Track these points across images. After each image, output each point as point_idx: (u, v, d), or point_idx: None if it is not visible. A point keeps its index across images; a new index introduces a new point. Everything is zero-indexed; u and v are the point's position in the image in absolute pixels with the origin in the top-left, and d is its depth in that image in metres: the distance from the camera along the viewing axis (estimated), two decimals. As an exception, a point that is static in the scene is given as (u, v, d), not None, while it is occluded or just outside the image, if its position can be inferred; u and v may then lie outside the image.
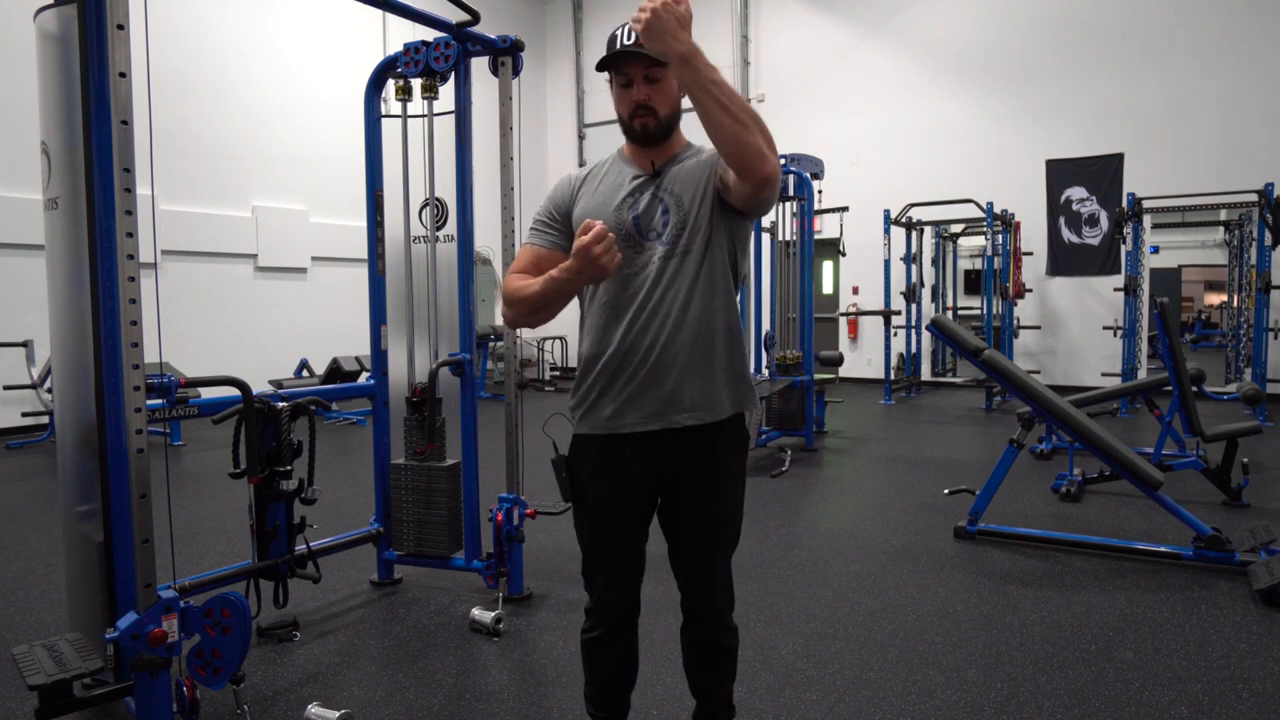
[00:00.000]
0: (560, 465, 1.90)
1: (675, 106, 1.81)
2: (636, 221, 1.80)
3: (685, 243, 1.78)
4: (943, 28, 11.15)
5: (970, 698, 2.53)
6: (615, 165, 1.89)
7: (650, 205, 1.80)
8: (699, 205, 1.79)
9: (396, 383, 3.49)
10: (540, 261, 1.83)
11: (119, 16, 2.05)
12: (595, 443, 1.84)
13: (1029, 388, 4.09)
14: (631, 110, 1.78)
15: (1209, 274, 18.74)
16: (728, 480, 1.88)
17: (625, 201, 1.81)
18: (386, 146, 3.41)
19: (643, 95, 1.76)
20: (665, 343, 1.76)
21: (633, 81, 1.76)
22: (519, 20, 13.32)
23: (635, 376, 1.78)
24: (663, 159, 1.83)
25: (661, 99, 1.77)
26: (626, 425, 1.80)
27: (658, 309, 1.77)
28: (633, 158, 1.86)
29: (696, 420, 1.80)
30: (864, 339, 11.95)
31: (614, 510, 1.86)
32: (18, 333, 7.42)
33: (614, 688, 1.99)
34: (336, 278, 10.20)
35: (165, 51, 8.23)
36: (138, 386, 2.10)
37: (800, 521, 4.57)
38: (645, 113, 1.77)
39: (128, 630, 2.04)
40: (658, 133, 1.80)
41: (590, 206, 1.83)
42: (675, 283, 1.77)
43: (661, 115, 1.78)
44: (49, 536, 4.34)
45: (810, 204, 7.06)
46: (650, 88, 1.76)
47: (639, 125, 1.79)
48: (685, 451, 1.82)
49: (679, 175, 1.81)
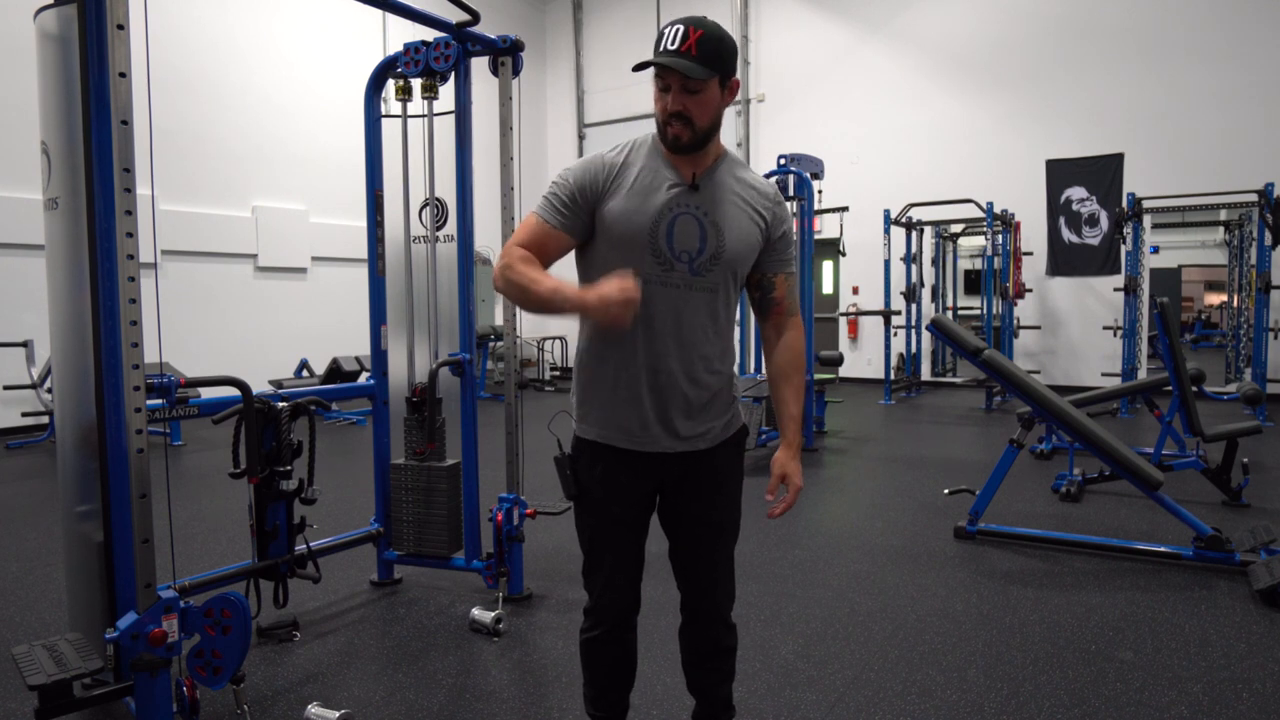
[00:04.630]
0: (563, 463, 1.89)
1: (715, 119, 1.70)
2: (670, 239, 1.70)
3: (712, 277, 1.74)
4: (943, 28, 11.14)
5: (970, 698, 2.53)
6: (651, 161, 1.74)
7: (687, 225, 1.71)
8: (737, 248, 1.74)
9: (396, 383, 3.49)
10: (545, 242, 1.73)
11: (119, 16, 2.05)
12: (596, 446, 1.84)
13: (1029, 388, 4.09)
14: (665, 118, 1.68)
15: (1209, 274, 18.74)
16: (727, 481, 1.88)
17: (662, 213, 1.70)
18: (386, 146, 3.41)
19: (678, 105, 1.65)
20: (669, 370, 1.75)
21: (670, 87, 1.65)
22: (519, 20, 13.32)
23: (634, 396, 1.77)
24: (702, 169, 1.74)
25: (700, 110, 1.66)
26: (624, 444, 1.80)
27: (667, 332, 1.73)
28: (670, 160, 1.75)
29: (692, 448, 1.81)
30: (864, 339, 11.95)
31: (614, 510, 1.85)
32: (18, 333, 7.41)
33: (613, 688, 1.99)
34: (336, 278, 10.20)
35: (165, 51, 8.23)
36: (138, 386, 2.10)
37: (800, 521, 4.57)
38: (681, 123, 1.66)
39: (128, 630, 2.04)
40: (690, 145, 1.69)
41: (623, 208, 1.71)
42: (689, 310, 1.74)
43: (699, 127, 1.67)
44: (49, 536, 4.34)
45: (810, 204, 7.06)
46: (688, 98, 1.64)
47: (672, 135, 1.68)
48: (685, 463, 1.82)
49: (720, 197, 1.74)
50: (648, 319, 1.72)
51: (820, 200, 8.06)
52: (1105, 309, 10.30)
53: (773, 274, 1.84)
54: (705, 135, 1.70)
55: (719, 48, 1.64)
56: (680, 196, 1.72)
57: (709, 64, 1.62)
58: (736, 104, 12.44)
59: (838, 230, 9.83)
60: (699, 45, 1.61)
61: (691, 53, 1.61)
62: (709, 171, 1.75)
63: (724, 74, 1.67)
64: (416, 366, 3.45)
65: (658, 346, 1.74)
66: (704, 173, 1.74)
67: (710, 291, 1.75)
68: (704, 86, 1.64)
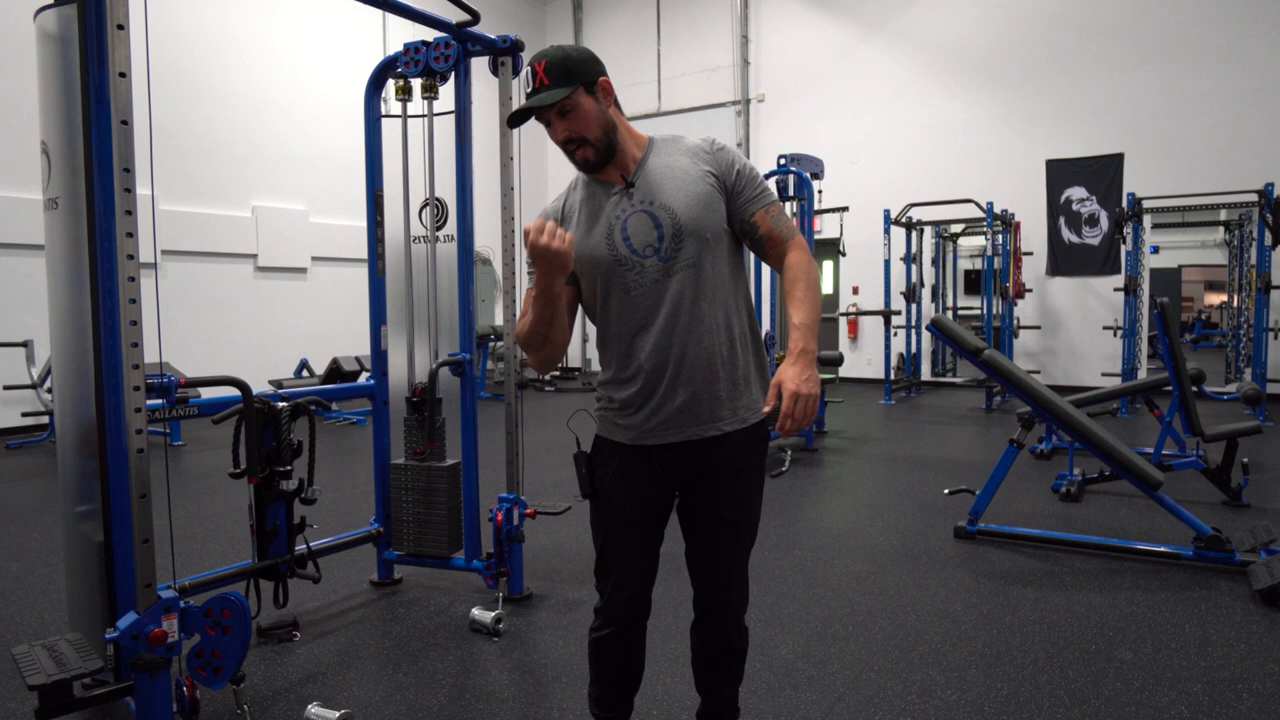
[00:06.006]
0: (581, 461, 1.89)
1: (605, 124, 1.74)
2: (629, 243, 1.74)
3: (684, 255, 1.74)
4: (943, 28, 11.14)
5: (970, 698, 2.53)
6: (588, 188, 1.82)
7: (638, 221, 1.74)
8: (694, 214, 1.74)
9: (396, 383, 3.49)
10: None
11: (119, 16, 2.05)
12: (619, 448, 1.84)
13: (1029, 388, 4.09)
14: (565, 149, 1.74)
15: (1209, 274, 18.75)
16: (746, 482, 1.87)
17: (614, 225, 1.75)
18: (386, 146, 3.41)
19: (563, 132, 1.72)
20: (683, 359, 1.75)
21: (550, 122, 1.72)
22: (519, 20, 13.32)
23: (657, 395, 1.77)
24: (630, 168, 1.78)
25: (584, 124, 1.71)
26: (649, 439, 1.80)
27: (670, 327, 1.74)
28: (600, 177, 1.80)
29: (718, 431, 1.80)
30: (864, 339, 11.95)
31: (631, 512, 1.85)
32: (18, 333, 7.42)
33: (619, 688, 1.99)
34: (336, 278, 10.21)
35: (165, 51, 8.24)
36: (138, 386, 2.10)
37: (800, 521, 4.57)
38: (576, 144, 1.73)
39: (128, 630, 2.04)
40: (600, 160, 1.75)
41: (582, 240, 1.77)
42: (682, 297, 1.74)
43: (594, 139, 1.72)
44: (49, 536, 4.34)
45: (810, 204, 7.07)
46: (565, 121, 1.71)
47: (580, 160, 1.75)
48: (706, 455, 1.82)
49: (660, 180, 1.77)
50: (644, 321, 1.75)
51: (820, 200, 8.06)
52: (1105, 309, 10.31)
53: (750, 215, 1.81)
54: (607, 144, 1.75)
55: (565, 64, 1.70)
56: (620, 199, 1.77)
57: (562, 82, 1.69)
58: (736, 104, 12.45)
59: (837, 230, 9.84)
60: (547, 73, 1.69)
61: (544, 83, 1.69)
62: (639, 166, 1.79)
63: (585, 82, 1.72)
64: (416, 366, 3.45)
65: (663, 340, 1.74)
66: (634, 169, 1.78)
67: (691, 268, 1.75)
68: (572, 104, 1.70)
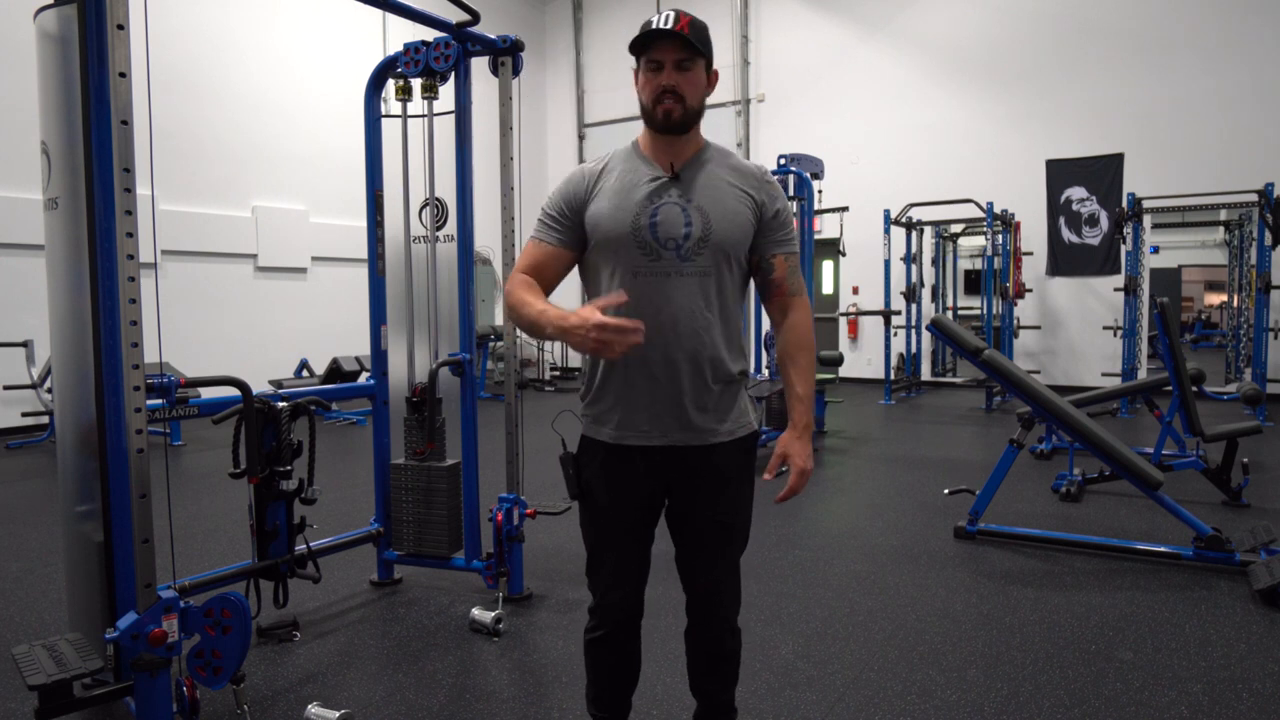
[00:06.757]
0: (568, 462, 1.88)
1: (702, 100, 1.77)
2: (655, 230, 1.73)
3: (701, 262, 1.74)
4: (943, 28, 11.15)
5: (970, 698, 2.53)
6: (630, 161, 1.80)
7: (670, 212, 1.73)
8: (725, 228, 1.74)
9: (396, 383, 3.49)
10: (544, 261, 1.79)
11: (119, 16, 2.05)
12: (603, 447, 1.83)
13: (1029, 388, 4.09)
14: (657, 95, 1.72)
15: (1209, 274, 18.73)
16: (735, 486, 1.86)
17: (644, 205, 1.74)
18: (386, 146, 3.41)
19: (671, 80, 1.71)
20: (676, 362, 1.74)
21: (663, 66, 1.71)
22: (519, 20, 13.32)
23: (643, 393, 1.76)
24: (682, 160, 1.78)
25: (691, 89, 1.73)
26: (633, 439, 1.79)
27: (669, 326, 1.73)
28: (650, 154, 1.79)
29: (701, 443, 1.79)
30: (864, 339, 11.95)
31: (619, 512, 1.85)
32: (18, 333, 7.41)
33: (616, 688, 1.99)
34: (336, 278, 10.20)
35: (165, 51, 8.23)
36: (138, 386, 2.10)
37: (800, 521, 4.57)
38: (673, 99, 1.72)
39: (128, 630, 2.04)
40: (680, 122, 1.74)
41: (605, 208, 1.76)
42: (679, 292, 1.73)
43: (689, 104, 1.73)
44: (49, 536, 4.34)
45: (810, 204, 7.06)
46: (680, 75, 1.72)
47: (662, 112, 1.72)
48: (693, 460, 1.81)
49: (705, 185, 1.76)
50: (641, 310, 1.72)
51: (820, 200, 8.06)
52: (1105, 309, 10.30)
53: (770, 255, 1.83)
54: (693, 115, 1.76)
55: (705, 35, 1.75)
56: (661, 188, 1.76)
57: (700, 44, 1.72)
58: (736, 104, 12.45)
59: (838, 230, 9.84)
60: (690, 27, 1.71)
61: (685, 32, 1.70)
62: (691, 161, 1.79)
63: (709, 61, 1.77)
64: (416, 366, 3.45)
65: (655, 336, 1.71)
66: (685, 163, 1.78)
67: (701, 275, 1.74)
68: (694, 66, 1.73)
